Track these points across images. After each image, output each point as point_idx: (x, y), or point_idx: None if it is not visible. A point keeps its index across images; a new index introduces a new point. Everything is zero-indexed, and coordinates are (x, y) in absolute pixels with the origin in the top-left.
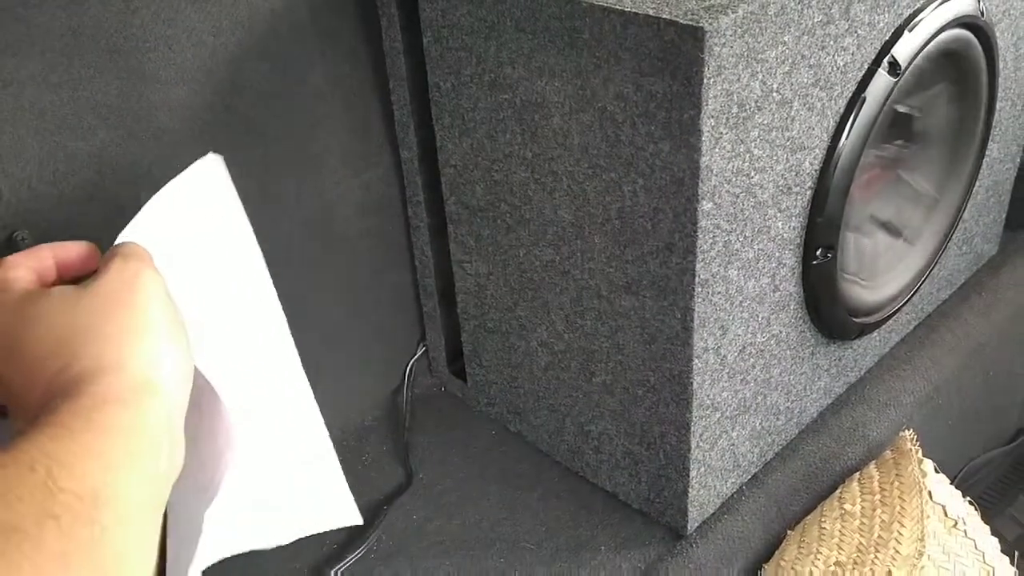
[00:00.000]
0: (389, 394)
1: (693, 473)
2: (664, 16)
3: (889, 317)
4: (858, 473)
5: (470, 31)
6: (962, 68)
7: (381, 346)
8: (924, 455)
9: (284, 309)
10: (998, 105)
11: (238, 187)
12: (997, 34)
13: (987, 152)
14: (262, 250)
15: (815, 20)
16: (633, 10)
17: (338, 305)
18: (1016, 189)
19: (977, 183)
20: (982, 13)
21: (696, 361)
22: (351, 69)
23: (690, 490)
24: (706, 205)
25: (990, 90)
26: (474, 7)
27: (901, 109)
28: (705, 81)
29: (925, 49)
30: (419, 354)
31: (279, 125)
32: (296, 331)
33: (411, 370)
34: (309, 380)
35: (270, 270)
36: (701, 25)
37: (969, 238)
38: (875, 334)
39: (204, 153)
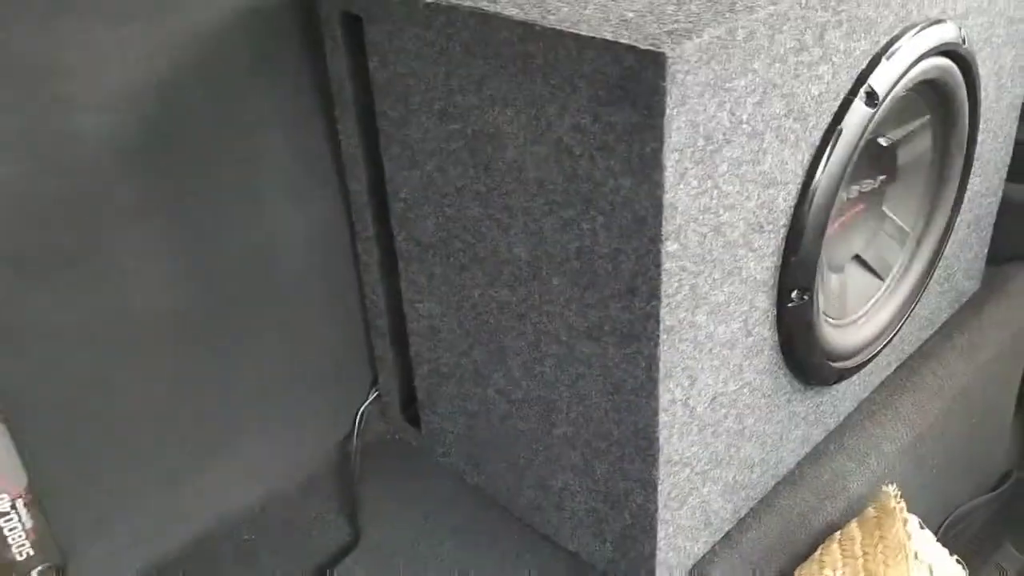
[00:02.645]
0: (338, 442)
1: (661, 534)
2: (623, 41)
3: (869, 360)
4: (839, 533)
5: (418, 56)
6: (943, 98)
7: (329, 391)
8: (908, 508)
9: (218, 353)
10: (980, 136)
11: (166, 221)
12: (981, 60)
13: (969, 185)
14: (194, 289)
15: (787, 47)
16: (590, 34)
17: (281, 348)
18: (997, 222)
19: (959, 217)
20: (963, 41)
21: (663, 414)
22: (294, 95)
23: (658, 552)
24: (670, 246)
25: (972, 121)
26: (422, 30)
27: (882, 142)
28: (668, 112)
29: (904, 78)
30: (371, 399)
31: (214, 155)
32: (233, 377)
33: (362, 416)
34: (250, 430)
35: (203, 311)
36: (663, 51)
37: (950, 275)
38: (854, 378)
39: (128, 185)
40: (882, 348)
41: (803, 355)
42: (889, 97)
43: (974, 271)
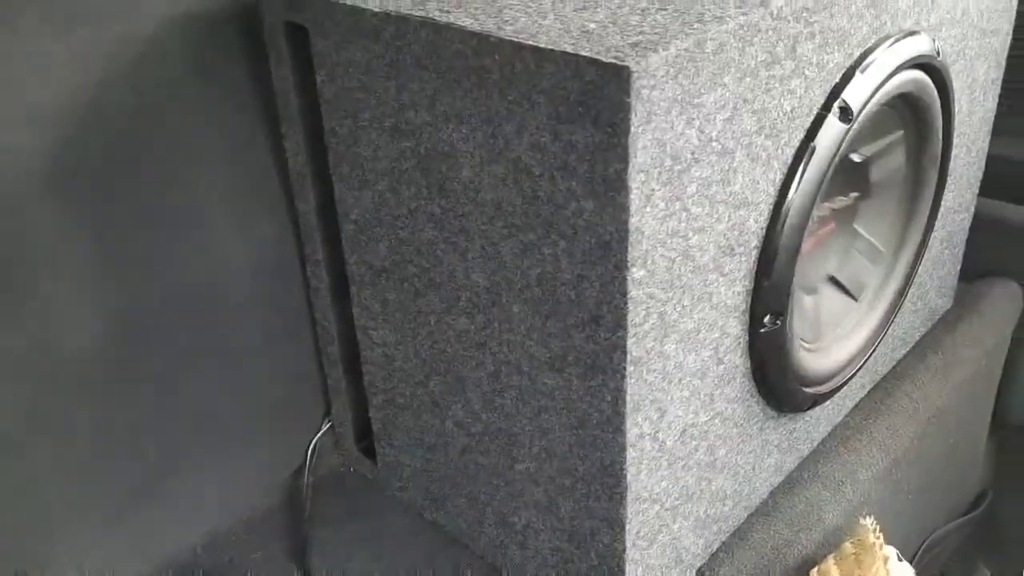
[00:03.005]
0: (288, 476)
1: (629, 575)
2: (584, 53)
3: (844, 384)
4: (815, 571)
5: (367, 69)
6: (917, 112)
7: (279, 422)
8: (884, 537)
9: (156, 386)
10: (953, 152)
11: (97, 246)
12: (955, 73)
13: (942, 201)
14: (129, 319)
15: (758, 60)
16: (548, 46)
17: (226, 378)
18: (969, 238)
19: (933, 234)
20: (938, 53)
21: (630, 450)
22: (237, 110)
23: None
24: (637, 273)
25: (946, 135)
26: (370, 42)
27: (855, 158)
28: (632, 130)
29: (879, 92)
30: (324, 430)
31: (149, 174)
32: (173, 411)
33: (315, 448)
34: (192, 466)
35: (139, 342)
36: (627, 64)
37: (924, 293)
38: (828, 403)
39: (53, 209)
40: (856, 371)
41: (776, 382)
42: (864, 112)
43: (947, 288)
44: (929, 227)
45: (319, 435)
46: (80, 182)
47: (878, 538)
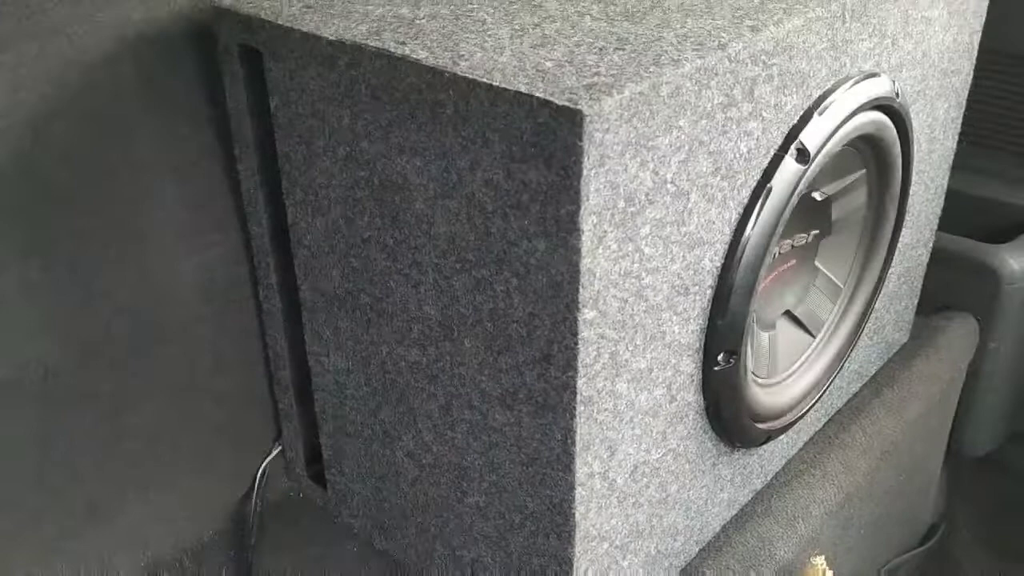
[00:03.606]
0: (236, 501)
1: None
2: (537, 94)
3: (798, 419)
4: None
5: (321, 97)
6: (878, 153)
7: (228, 446)
8: (836, 570)
9: (98, 409)
10: (912, 189)
11: (36, 267)
12: (915, 112)
13: (900, 238)
14: (68, 340)
15: (715, 102)
16: (503, 85)
17: (172, 402)
18: (926, 273)
19: (890, 270)
20: (897, 95)
21: (579, 489)
22: (189, 131)
23: None
24: (588, 313)
25: (905, 175)
26: (325, 70)
27: (816, 196)
28: (585, 172)
29: (837, 134)
30: (274, 455)
31: (93, 194)
32: (115, 434)
33: (264, 472)
34: (134, 491)
35: (78, 364)
36: (580, 108)
37: (881, 327)
38: (782, 437)
39: None
40: (811, 407)
41: (730, 419)
42: (821, 153)
43: (904, 323)
44: (887, 263)
45: (268, 459)
46: (20, 199)
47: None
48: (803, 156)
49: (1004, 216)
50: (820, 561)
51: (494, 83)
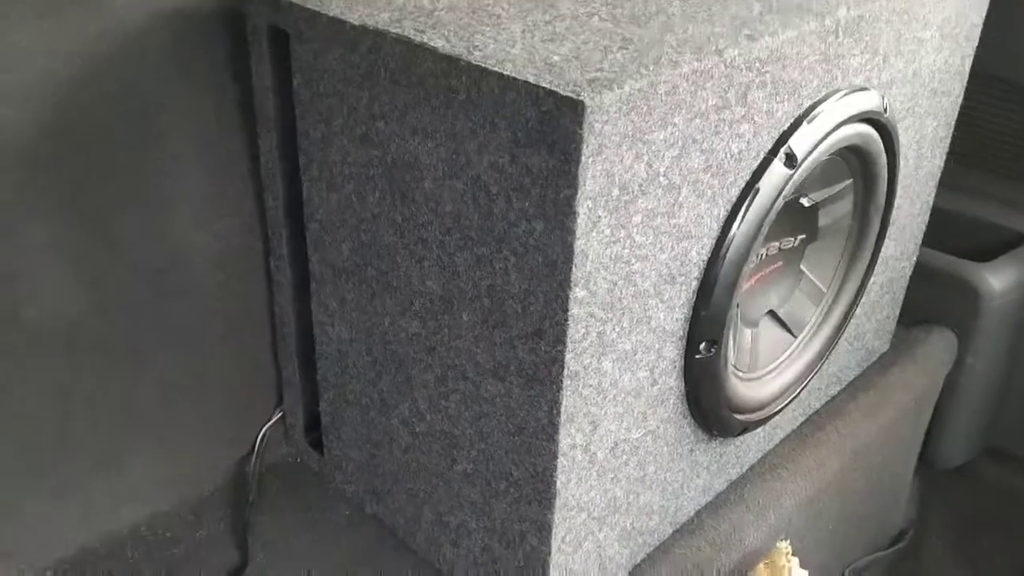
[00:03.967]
0: (236, 462)
1: None
2: (544, 85)
3: (775, 414)
4: None
5: (343, 78)
6: (864, 163)
7: (231, 410)
8: (803, 561)
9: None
10: (896, 202)
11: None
12: (904, 128)
13: (883, 249)
14: (91, 298)
15: (710, 103)
16: (512, 74)
17: (182, 362)
18: (909, 285)
19: (872, 280)
20: (886, 109)
21: (561, 459)
22: (214, 105)
23: None
24: (579, 292)
25: (890, 187)
26: (347, 52)
27: (804, 202)
28: (583, 160)
29: (824, 142)
30: (275, 420)
31: (122, 159)
32: (128, 391)
33: (264, 437)
34: (143, 446)
35: (100, 321)
36: (582, 99)
37: (861, 335)
38: (760, 430)
39: (24, 184)
40: (788, 403)
41: (709, 406)
42: (808, 160)
43: (885, 332)
44: (869, 272)
45: (269, 424)
46: (54, 162)
47: (789, 561)
48: (791, 161)
49: (988, 236)
50: (785, 545)
51: (505, 72)
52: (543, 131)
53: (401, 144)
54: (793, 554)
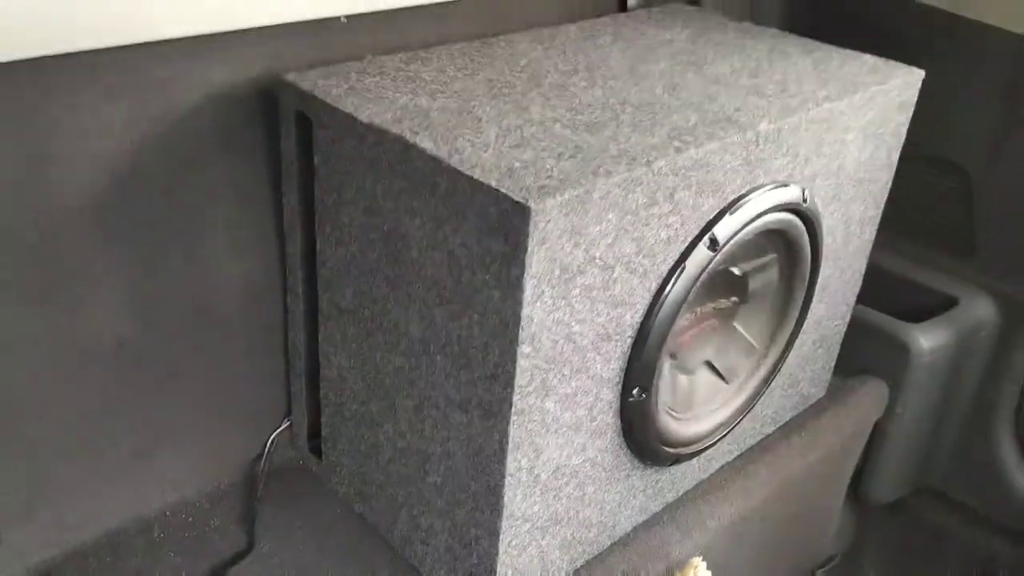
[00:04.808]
0: (248, 462)
1: (500, 574)
2: (502, 190)
3: (705, 449)
4: None
5: (353, 161)
6: (787, 243)
7: (247, 417)
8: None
9: (153, 376)
10: (825, 272)
11: (123, 263)
12: (829, 212)
13: (812, 312)
14: (139, 322)
15: (640, 202)
16: (480, 178)
17: (211, 375)
18: (848, 340)
19: (802, 336)
20: (805, 200)
21: (509, 478)
22: (249, 168)
23: None
24: (525, 348)
25: (813, 262)
26: (357, 142)
27: (735, 271)
28: (530, 248)
29: (745, 229)
30: (283, 428)
31: (172, 211)
32: (163, 397)
33: (274, 441)
34: (172, 443)
35: (145, 340)
36: (529, 205)
37: (795, 382)
38: (694, 461)
39: (94, 232)
40: (718, 440)
41: (641, 440)
42: (731, 243)
43: (820, 380)
44: (795, 333)
45: (278, 431)
46: (118, 213)
47: (695, 573)
48: (714, 244)
49: (922, 297)
50: (698, 560)
51: (475, 176)
52: (500, 224)
53: (395, 218)
54: (708, 568)
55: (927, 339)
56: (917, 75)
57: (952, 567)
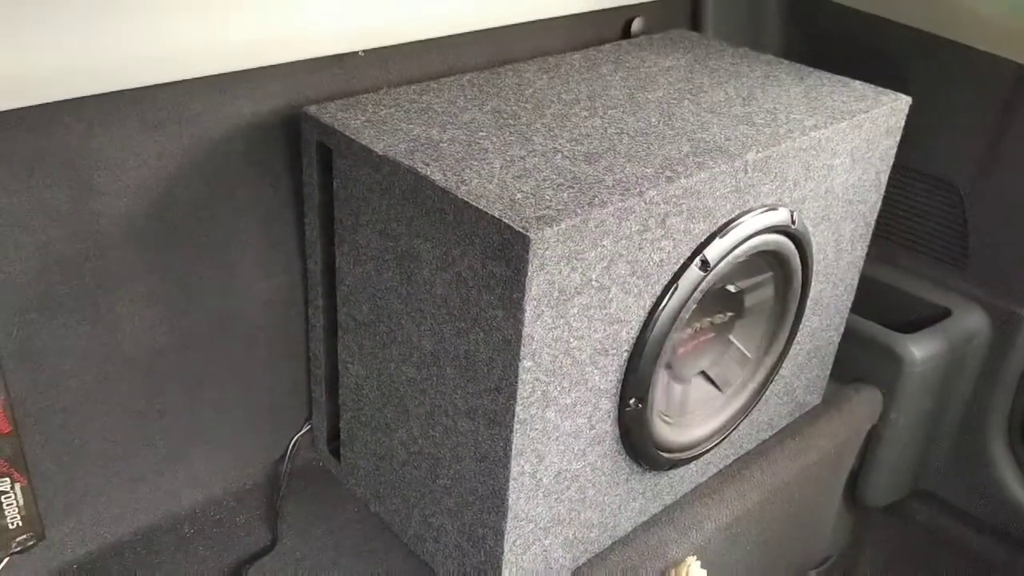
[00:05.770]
0: (272, 463)
1: (505, 572)
2: (505, 220)
3: (702, 454)
4: None
5: (369, 187)
6: (779, 262)
7: (271, 421)
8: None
9: (185, 383)
10: (817, 287)
11: (158, 280)
12: (819, 232)
13: (806, 324)
14: (173, 334)
15: (633, 229)
16: (485, 208)
17: (237, 382)
18: (844, 349)
19: (797, 347)
20: (794, 222)
21: (512, 482)
22: (273, 193)
23: None
24: (527, 363)
25: (804, 279)
26: (373, 171)
27: (731, 288)
28: (530, 273)
29: (736, 250)
30: (304, 431)
31: (204, 233)
32: (194, 402)
33: (296, 444)
34: (202, 446)
35: (178, 351)
36: (529, 235)
37: (791, 390)
38: (692, 465)
39: (131, 252)
40: (714, 446)
41: (638, 446)
42: (722, 264)
43: (816, 388)
44: (788, 345)
45: (299, 434)
46: (154, 234)
47: (688, 572)
48: (705, 266)
49: (915, 308)
50: (692, 559)
51: (480, 207)
52: (503, 250)
53: (408, 241)
54: (702, 567)
55: (919, 349)
56: (904, 101)
57: (946, 568)
